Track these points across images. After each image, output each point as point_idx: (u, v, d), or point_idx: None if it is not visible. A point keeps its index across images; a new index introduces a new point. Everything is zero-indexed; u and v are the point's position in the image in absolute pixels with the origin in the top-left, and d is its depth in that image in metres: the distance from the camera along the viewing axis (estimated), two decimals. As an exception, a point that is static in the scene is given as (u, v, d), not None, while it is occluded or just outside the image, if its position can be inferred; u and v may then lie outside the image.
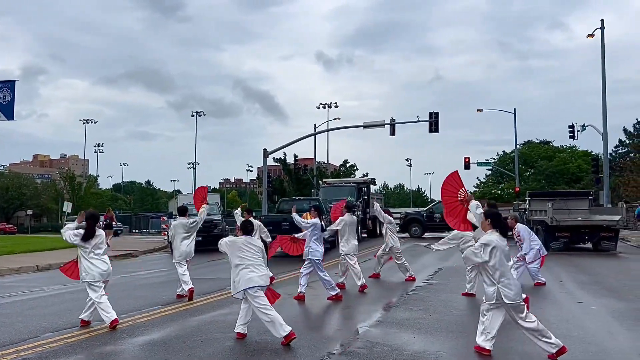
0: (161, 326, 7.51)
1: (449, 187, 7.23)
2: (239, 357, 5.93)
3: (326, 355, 5.90)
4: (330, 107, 57.36)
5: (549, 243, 19.27)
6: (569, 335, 6.76)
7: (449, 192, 7.23)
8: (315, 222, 9.63)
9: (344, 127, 46.32)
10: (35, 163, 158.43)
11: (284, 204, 22.06)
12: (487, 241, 5.69)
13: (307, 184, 47.17)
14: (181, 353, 6.03)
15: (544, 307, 8.82)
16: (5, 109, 20.55)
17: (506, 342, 6.41)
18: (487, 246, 5.65)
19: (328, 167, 61.80)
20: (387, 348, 6.17)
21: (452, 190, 7.19)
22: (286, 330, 6.25)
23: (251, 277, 6.42)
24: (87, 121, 78.54)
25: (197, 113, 69.40)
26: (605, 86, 32.00)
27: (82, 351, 6.18)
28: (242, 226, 6.89)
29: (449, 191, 7.22)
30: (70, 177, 64.94)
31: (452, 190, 7.18)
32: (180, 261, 9.90)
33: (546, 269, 14.10)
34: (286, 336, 6.22)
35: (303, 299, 9.43)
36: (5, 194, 62.87)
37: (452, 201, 7.23)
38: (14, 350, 6.18)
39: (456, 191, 7.13)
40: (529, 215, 21.98)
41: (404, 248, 22.23)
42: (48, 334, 7.01)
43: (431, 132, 32.22)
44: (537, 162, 60.94)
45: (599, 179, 34.76)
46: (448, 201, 7.27)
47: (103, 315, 7.24)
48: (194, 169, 72.31)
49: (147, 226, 46.68)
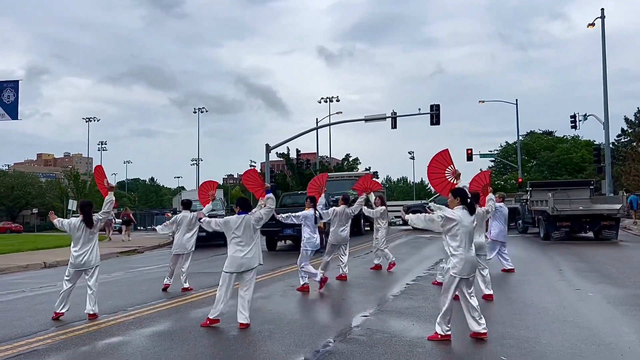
0: (166, 318, 7.70)
1: (437, 164, 7.13)
2: (242, 346, 6.11)
3: (327, 342, 6.08)
4: (331, 101, 57.37)
5: (550, 233, 19.41)
6: (565, 320, 6.93)
7: (437, 170, 7.13)
8: (306, 214, 9.84)
9: (346, 121, 46.14)
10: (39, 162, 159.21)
11: (287, 198, 22.24)
12: (451, 215, 5.94)
13: (309, 178, 47.27)
14: (186, 343, 6.22)
15: (541, 293, 8.99)
16: (10, 109, 20.75)
17: (502, 328, 6.58)
18: (449, 220, 5.90)
19: (331, 162, 61.88)
20: (387, 335, 6.35)
21: (440, 167, 7.10)
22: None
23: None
24: (90, 120, 78.72)
25: (199, 110, 69.65)
26: (606, 75, 32.00)
27: (91, 342, 6.37)
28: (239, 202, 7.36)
29: (437, 168, 7.12)
30: (74, 176, 65.15)
31: (440, 168, 7.10)
32: (180, 253, 10.13)
33: (546, 258, 14.28)
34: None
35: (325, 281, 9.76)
36: (11, 193, 63.36)
37: (438, 177, 7.14)
38: (25, 342, 6.38)
39: (444, 168, 7.06)
40: (530, 205, 22.10)
41: (407, 240, 22.46)
42: (57, 327, 7.21)
43: (433, 125, 32.33)
44: (540, 153, 60.91)
45: (601, 168, 34.80)
46: (434, 177, 7.17)
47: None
48: (197, 165, 72.68)
49: (152, 223, 46.95)
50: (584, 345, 5.76)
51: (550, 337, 6.11)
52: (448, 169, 7.09)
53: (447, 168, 7.09)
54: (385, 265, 12.52)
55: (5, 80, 21.10)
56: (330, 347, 5.87)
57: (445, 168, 7.10)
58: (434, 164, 7.19)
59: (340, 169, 50.49)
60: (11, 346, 6.23)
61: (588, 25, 32.91)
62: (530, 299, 8.50)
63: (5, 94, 20.58)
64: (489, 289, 8.44)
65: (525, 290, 9.42)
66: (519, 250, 16.85)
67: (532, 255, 15.24)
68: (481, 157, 52.50)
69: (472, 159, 47.06)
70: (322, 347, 5.89)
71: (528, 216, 23.16)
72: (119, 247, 21.90)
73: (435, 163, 7.18)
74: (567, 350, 5.60)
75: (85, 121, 77.98)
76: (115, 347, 6.13)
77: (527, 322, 6.86)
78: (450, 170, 7.11)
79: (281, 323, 7.18)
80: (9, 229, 48.55)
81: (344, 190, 25.71)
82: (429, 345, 5.86)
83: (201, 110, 69.77)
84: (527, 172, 56.64)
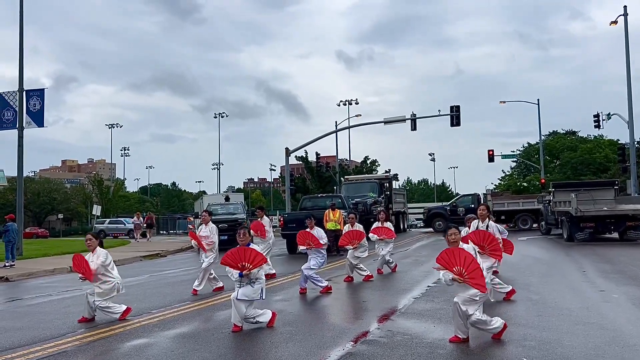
0: (190, 320, 7.83)
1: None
2: (264, 347, 6.20)
3: (348, 343, 6.13)
4: (350, 104, 57.38)
5: (574, 234, 19.15)
6: (588, 322, 6.87)
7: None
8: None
9: (365, 123, 46.28)
10: (64, 168, 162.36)
11: (307, 201, 22.34)
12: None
13: (329, 181, 47.43)
14: (210, 344, 6.33)
15: (564, 295, 8.91)
16: (36, 117, 21.24)
17: (523, 329, 6.55)
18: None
19: (350, 164, 61.89)
20: (407, 337, 6.37)
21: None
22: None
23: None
24: (113, 126, 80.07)
25: (220, 114, 70.21)
26: (630, 73, 31.55)
27: (117, 344, 6.53)
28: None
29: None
30: (98, 181, 66.37)
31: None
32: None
33: (570, 259, 14.11)
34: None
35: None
36: (37, 199, 64.66)
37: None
38: (53, 344, 6.56)
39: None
40: (553, 206, 21.84)
41: (427, 242, 22.37)
42: (84, 329, 7.39)
43: (453, 126, 32.13)
44: (562, 153, 60.01)
45: (626, 168, 34.15)
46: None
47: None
48: (218, 169, 73.20)
49: (174, 227, 47.46)
50: (608, 348, 5.71)
51: (573, 339, 6.07)
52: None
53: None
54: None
55: (31, 89, 21.59)
56: (351, 349, 5.91)
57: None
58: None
59: (360, 171, 50.47)
60: (41, 347, 6.41)
61: (611, 23, 32.50)
62: (553, 301, 8.42)
63: (32, 102, 21.08)
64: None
65: (547, 291, 9.33)
66: (542, 252, 16.68)
67: (555, 257, 15.07)
68: (503, 158, 51.94)
69: (493, 160, 46.69)
70: (343, 348, 5.94)
71: (551, 217, 22.88)
72: (143, 251, 22.25)
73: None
74: (591, 352, 5.55)
75: (108, 127, 79.48)
76: (140, 349, 6.27)
77: (549, 324, 6.81)
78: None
79: (302, 325, 7.26)
80: (35, 234, 49.52)
81: (363, 194, 25.84)
82: (450, 347, 5.87)
83: (221, 115, 70.38)
84: (549, 173, 55.80)
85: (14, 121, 21.32)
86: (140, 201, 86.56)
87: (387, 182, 29.60)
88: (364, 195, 25.62)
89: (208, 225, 10.61)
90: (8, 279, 14.18)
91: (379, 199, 25.39)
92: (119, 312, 7.86)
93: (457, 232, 6.28)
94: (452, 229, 6.37)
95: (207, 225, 10.63)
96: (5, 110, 21.53)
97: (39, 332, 7.28)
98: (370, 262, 12.86)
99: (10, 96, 21.55)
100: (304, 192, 41.68)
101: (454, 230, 6.32)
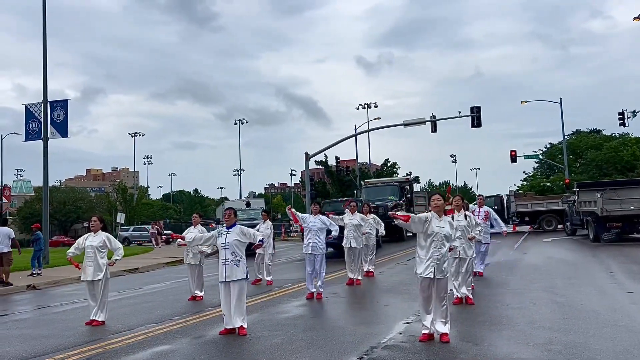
0: (212, 326, 7.85)
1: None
2: (285, 353, 6.17)
3: (369, 348, 6.08)
4: (369, 107, 57.11)
5: (600, 234, 18.78)
6: (616, 325, 6.70)
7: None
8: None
9: (385, 126, 46.33)
10: (88, 177, 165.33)
11: (327, 206, 22.30)
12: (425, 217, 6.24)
13: (349, 185, 47.30)
14: (231, 350, 6.34)
15: (591, 296, 8.72)
16: (60, 127, 21.66)
17: (549, 333, 6.41)
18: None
19: (370, 168, 61.65)
20: (430, 342, 6.28)
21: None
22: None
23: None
24: (135, 134, 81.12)
25: (240, 121, 70.63)
26: (654, 69, 30.82)
27: (140, 351, 6.57)
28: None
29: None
30: (122, 189, 67.26)
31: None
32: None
33: (596, 260, 13.82)
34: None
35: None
36: (63, 208, 65.86)
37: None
38: (78, 352, 6.64)
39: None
40: (578, 206, 21.44)
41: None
42: (109, 335, 7.48)
43: (474, 127, 31.71)
44: (587, 152, 58.89)
45: (653, 165, 33.38)
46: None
47: None
48: (239, 175, 73.62)
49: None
50: (637, 351, 5.55)
51: (600, 342, 5.92)
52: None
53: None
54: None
55: (55, 100, 22.04)
56: (372, 354, 5.86)
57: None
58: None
59: (380, 174, 50.25)
60: (65, 355, 6.50)
61: (634, 19, 31.86)
62: (579, 303, 8.25)
63: (56, 113, 21.50)
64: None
65: (573, 293, 9.14)
66: (567, 253, 16.38)
67: (580, 258, 14.77)
68: (525, 158, 51.15)
69: (516, 160, 45.99)
70: (364, 353, 5.89)
71: (576, 218, 22.47)
72: (165, 258, 22.46)
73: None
74: (619, 356, 5.41)
75: (131, 136, 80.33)
76: (163, 355, 6.30)
77: (575, 327, 6.66)
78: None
79: (323, 330, 7.23)
80: (62, 242, 50.40)
81: (383, 197, 25.69)
82: (472, 352, 5.78)
83: (242, 121, 70.82)
84: (574, 173, 54.80)
85: (39, 132, 21.77)
86: (164, 208, 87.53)
87: (407, 185, 29.40)
88: (384, 198, 25.50)
89: (197, 227, 10.69)
90: (35, 287, 14.44)
91: (399, 202, 25.24)
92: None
93: (440, 199, 6.37)
94: (437, 195, 6.50)
95: (195, 227, 10.69)
96: (31, 121, 22.01)
97: (64, 340, 7.38)
98: (392, 265, 12.77)
99: (35, 107, 22.03)
100: (325, 196, 41.62)
101: (437, 196, 6.44)
